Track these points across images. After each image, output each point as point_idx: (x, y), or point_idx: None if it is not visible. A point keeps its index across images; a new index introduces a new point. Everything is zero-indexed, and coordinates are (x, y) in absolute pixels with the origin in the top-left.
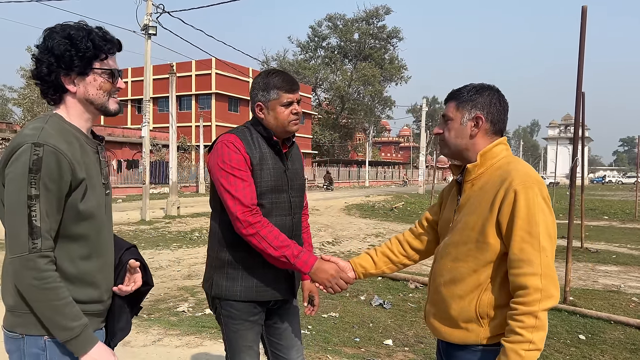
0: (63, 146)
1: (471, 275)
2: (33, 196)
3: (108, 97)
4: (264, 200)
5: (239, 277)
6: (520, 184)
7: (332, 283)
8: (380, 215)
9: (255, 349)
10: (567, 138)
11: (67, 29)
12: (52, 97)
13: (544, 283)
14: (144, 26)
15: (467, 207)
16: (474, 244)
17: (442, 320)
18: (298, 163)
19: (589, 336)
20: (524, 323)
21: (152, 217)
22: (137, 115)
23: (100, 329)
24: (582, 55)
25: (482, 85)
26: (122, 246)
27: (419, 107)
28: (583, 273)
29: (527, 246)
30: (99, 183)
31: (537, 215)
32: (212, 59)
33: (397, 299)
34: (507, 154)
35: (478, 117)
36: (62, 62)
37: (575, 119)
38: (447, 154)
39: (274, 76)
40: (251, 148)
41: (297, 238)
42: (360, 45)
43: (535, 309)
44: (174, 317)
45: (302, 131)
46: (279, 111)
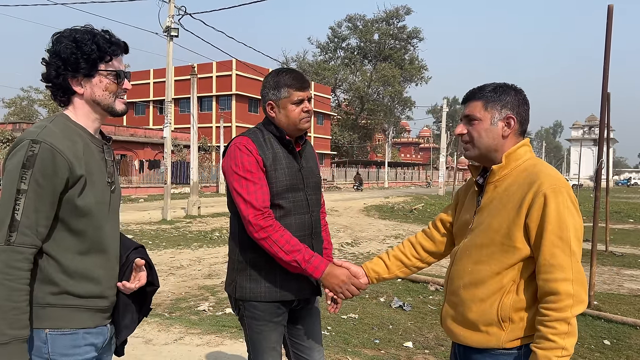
0: (62, 144)
1: (493, 277)
2: (20, 190)
3: (114, 98)
4: (281, 200)
5: (262, 278)
6: (550, 188)
7: (342, 289)
8: (400, 216)
9: (278, 350)
10: (591, 139)
11: (73, 33)
12: (62, 98)
13: (576, 288)
14: (166, 28)
15: (490, 209)
16: (498, 247)
17: (460, 324)
18: (312, 161)
19: (613, 341)
20: (556, 329)
21: (173, 216)
22: (159, 116)
23: (104, 325)
24: (607, 54)
25: (504, 85)
26: (130, 246)
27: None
28: (608, 277)
29: (558, 251)
30: (102, 181)
31: (567, 219)
32: (232, 60)
33: (417, 301)
34: (531, 155)
35: (510, 117)
36: (68, 65)
37: (601, 120)
38: (474, 155)
39: (284, 74)
40: (263, 149)
41: (317, 236)
42: (380, 45)
43: (567, 315)
44: (194, 316)
45: (321, 132)
46: (290, 109)
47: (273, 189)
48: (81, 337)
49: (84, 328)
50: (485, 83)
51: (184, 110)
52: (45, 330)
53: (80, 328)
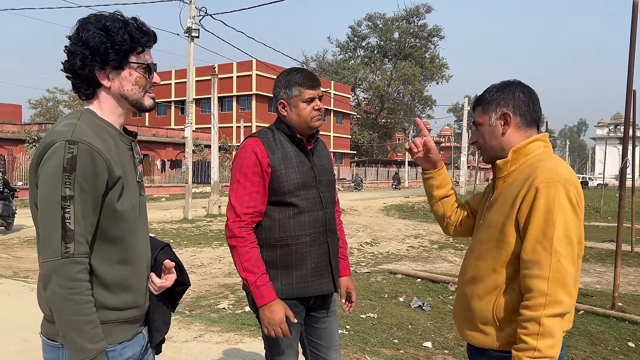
0: (98, 143)
1: (491, 275)
2: (67, 197)
3: (144, 93)
4: (294, 198)
5: (279, 275)
6: (544, 182)
7: (270, 326)
8: (420, 216)
9: (294, 348)
10: (616, 138)
11: (102, 19)
12: (85, 91)
13: (551, 288)
14: (187, 29)
15: (496, 204)
16: (494, 243)
17: (464, 321)
18: (325, 159)
19: (638, 344)
20: (527, 330)
21: (194, 215)
22: (180, 116)
23: (139, 332)
24: (632, 50)
25: (503, 83)
26: (157, 246)
27: (460, 106)
28: (633, 278)
29: (540, 247)
30: (134, 182)
31: (556, 215)
32: (252, 61)
33: (437, 301)
34: (543, 151)
35: (505, 113)
36: (97, 55)
37: (626, 117)
38: (488, 160)
39: (295, 73)
40: (273, 149)
41: (332, 233)
42: (400, 44)
43: (537, 314)
44: (214, 313)
45: (341, 131)
46: (302, 107)
47: (284, 187)
48: (119, 353)
49: (122, 342)
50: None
51: (204, 110)
52: None
53: (119, 343)
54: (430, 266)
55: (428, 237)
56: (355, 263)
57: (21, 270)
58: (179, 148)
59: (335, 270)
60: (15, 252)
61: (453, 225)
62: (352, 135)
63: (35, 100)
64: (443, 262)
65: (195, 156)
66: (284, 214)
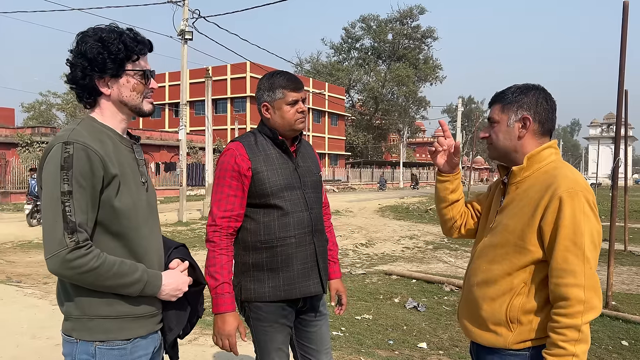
0: (94, 143)
1: (505, 278)
2: (66, 192)
3: (142, 98)
4: (277, 200)
5: (265, 278)
6: (566, 191)
7: (220, 337)
8: (415, 217)
9: (285, 351)
10: (609, 137)
11: (99, 32)
12: (88, 100)
13: (587, 295)
14: (180, 31)
15: (509, 209)
16: (512, 248)
17: (472, 322)
18: (311, 160)
19: (632, 342)
20: (566, 336)
21: (188, 218)
22: (174, 118)
23: (155, 331)
24: (623, 51)
25: (526, 86)
26: (170, 246)
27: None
28: (627, 277)
29: (571, 256)
30: (136, 182)
31: (583, 224)
32: (246, 63)
33: (432, 301)
34: (555, 158)
35: (525, 117)
36: (95, 65)
37: (617, 117)
38: (495, 157)
39: (278, 76)
40: (254, 152)
41: (319, 233)
42: (394, 45)
43: (578, 322)
44: (209, 316)
45: (335, 132)
46: (285, 110)
47: (267, 189)
48: (129, 351)
49: (135, 338)
50: (512, 85)
51: (199, 112)
52: (94, 344)
53: (132, 338)
54: (425, 267)
55: (423, 238)
56: (351, 264)
57: (14, 275)
58: (173, 151)
59: (323, 271)
60: (8, 256)
61: (457, 228)
62: (347, 137)
63: (28, 104)
64: (438, 263)
65: (190, 159)
66: (268, 217)
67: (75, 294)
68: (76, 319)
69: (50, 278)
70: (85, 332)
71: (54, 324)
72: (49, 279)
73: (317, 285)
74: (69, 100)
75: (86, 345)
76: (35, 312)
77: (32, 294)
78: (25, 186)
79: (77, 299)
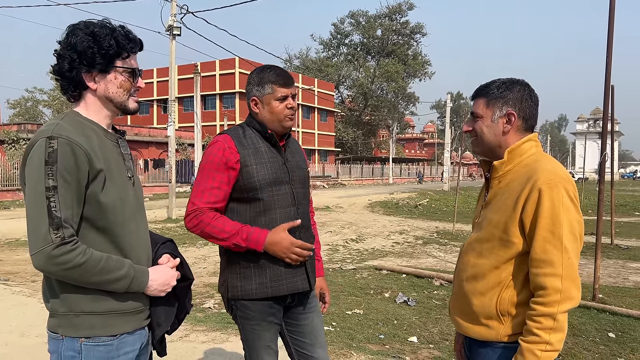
0: (78, 138)
1: (492, 271)
2: (51, 187)
3: (128, 96)
4: (264, 194)
5: (252, 274)
6: (545, 183)
7: (287, 254)
8: (405, 212)
9: (273, 348)
10: (596, 132)
11: (90, 26)
12: (72, 93)
13: (565, 284)
14: (168, 27)
15: (492, 204)
16: (497, 241)
17: (463, 316)
18: (299, 156)
19: (618, 334)
20: (542, 324)
21: (178, 215)
22: (162, 115)
23: (142, 327)
24: (610, 46)
25: (511, 80)
26: (158, 241)
27: (443, 103)
28: (613, 270)
29: (550, 246)
30: (122, 176)
31: (561, 214)
32: (235, 59)
33: (422, 296)
34: (536, 150)
35: (510, 113)
36: (84, 59)
37: (604, 112)
38: (479, 151)
39: (268, 71)
40: (243, 145)
41: (306, 229)
42: (383, 41)
43: (553, 311)
44: (200, 313)
45: (325, 129)
46: (274, 105)
47: (255, 182)
48: (115, 347)
49: (122, 334)
50: (495, 79)
51: (187, 109)
52: (80, 340)
53: (118, 334)
54: (415, 261)
55: (412, 233)
56: (341, 260)
57: (2, 273)
58: (161, 147)
59: (310, 267)
60: None
61: None
62: (337, 133)
63: (14, 100)
64: (427, 258)
65: (179, 155)
66: (254, 211)
67: (61, 290)
68: (62, 315)
69: (39, 276)
70: (71, 329)
71: (43, 322)
72: (37, 276)
73: (304, 281)
74: (55, 97)
75: (72, 341)
76: (24, 310)
77: (20, 292)
78: (12, 183)
79: (62, 295)
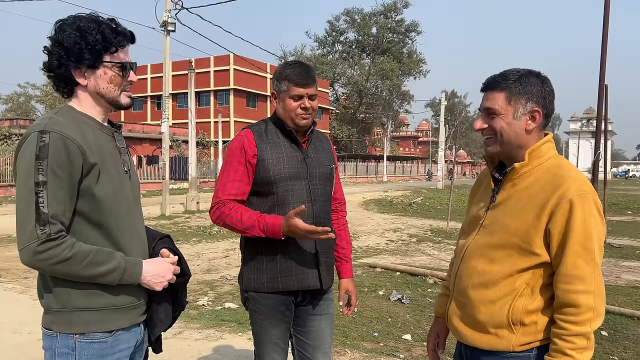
0: (72, 132)
1: (506, 279)
2: (40, 182)
3: (120, 91)
4: (278, 189)
5: (264, 268)
6: (577, 194)
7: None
8: (399, 210)
9: (281, 346)
10: (589, 132)
11: (77, 21)
12: (64, 89)
13: (597, 301)
14: (163, 23)
15: (506, 207)
16: (515, 250)
17: (468, 324)
18: (324, 153)
19: (611, 332)
20: (575, 344)
21: (171, 212)
22: (156, 111)
23: (138, 324)
24: (605, 46)
25: (529, 73)
26: (155, 236)
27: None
28: (606, 269)
29: (581, 262)
30: (118, 170)
31: (592, 228)
32: (230, 55)
33: (416, 294)
34: (554, 153)
35: (535, 110)
36: (72, 55)
37: (598, 112)
38: (495, 152)
39: (289, 67)
40: (262, 139)
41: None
42: (378, 39)
43: (587, 330)
44: (193, 310)
45: (320, 126)
46: (288, 103)
47: (270, 177)
48: (110, 344)
49: (117, 330)
50: (507, 69)
51: (181, 105)
52: (74, 337)
53: (114, 331)
54: (409, 259)
55: (407, 231)
56: None
57: None
58: (155, 144)
59: (323, 266)
60: None
61: None
62: (331, 130)
63: (6, 96)
64: (421, 256)
65: (173, 152)
66: (268, 205)
67: (55, 286)
68: (56, 311)
69: (31, 273)
70: (65, 325)
71: (35, 318)
72: (30, 273)
73: (315, 279)
74: (48, 92)
75: (66, 338)
76: (16, 307)
77: (12, 288)
78: (3, 179)
79: (56, 291)
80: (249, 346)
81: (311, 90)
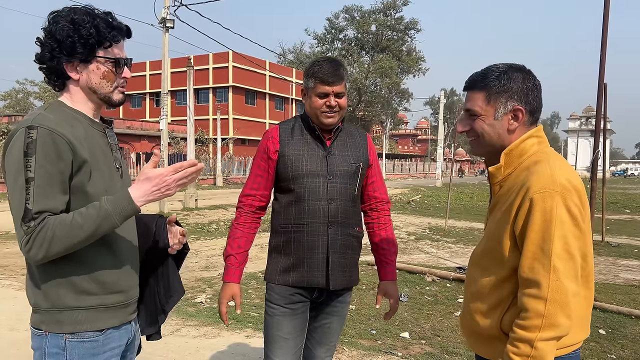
0: (61, 127)
1: (494, 291)
2: (28, 179)
3: (113, 88)
4: (296, 186)
5: (280, 261)
6: (538, 192)
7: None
8: (397, 208)
9: (289, 344)
10: (588, 130)
11: (71, 13)
12: (56, 82)
13: (549, 309)
14: (161, 19)
15: (494, 212)
16: (496, 255)
17: (471, 333)
18: (351, 150)
19: (609, 331)
20: (519, 349)
21: (170, 209)
22: (155, 108)
23: (129, 322)
24: (604, 44)
25: (511, 68)
26: (151, 221)
27: (436, 99)
28: (604, 267)
29: (537, 265)
30: (109, 167)
31: (554, 229)
32: (229, 52)
33: (414, 291)
34: (538, 148)
35: (517, 109)
36: (64, 48)
37: (597, 111)
38: (480, 153)
39: (316, 65)
40: (287, 136)
41: (337, 225)
42: (377, 37)
43: (531, 337)
44: (191, 307)
45: None
46: (314, 100)
47: (289, 173)
48: (101, 343)
49: (108, 329)
50: (490, 65)
51: (180, 102)
52: (64, 336)
53: (104, 329)
54: (407, 257)
55: (405, 229)
56: None
57: None
58: (154, 141)
59: (334, 265)
60: None
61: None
62: None
63: (5, 92)
64: (420, 254)
65: (171, 149)
66: (287, 201)
67: (44, 286)
68: (45, 311)
69: None
70: (55, 325)
71: None
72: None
73: (322, 278)
74: (46, 89)
75: (56, 338)
76: (13, 303)
77: (9, 285)
78: (1, 176)
79: (46, 290)
80: (246, 343)
81: (338, 88)
